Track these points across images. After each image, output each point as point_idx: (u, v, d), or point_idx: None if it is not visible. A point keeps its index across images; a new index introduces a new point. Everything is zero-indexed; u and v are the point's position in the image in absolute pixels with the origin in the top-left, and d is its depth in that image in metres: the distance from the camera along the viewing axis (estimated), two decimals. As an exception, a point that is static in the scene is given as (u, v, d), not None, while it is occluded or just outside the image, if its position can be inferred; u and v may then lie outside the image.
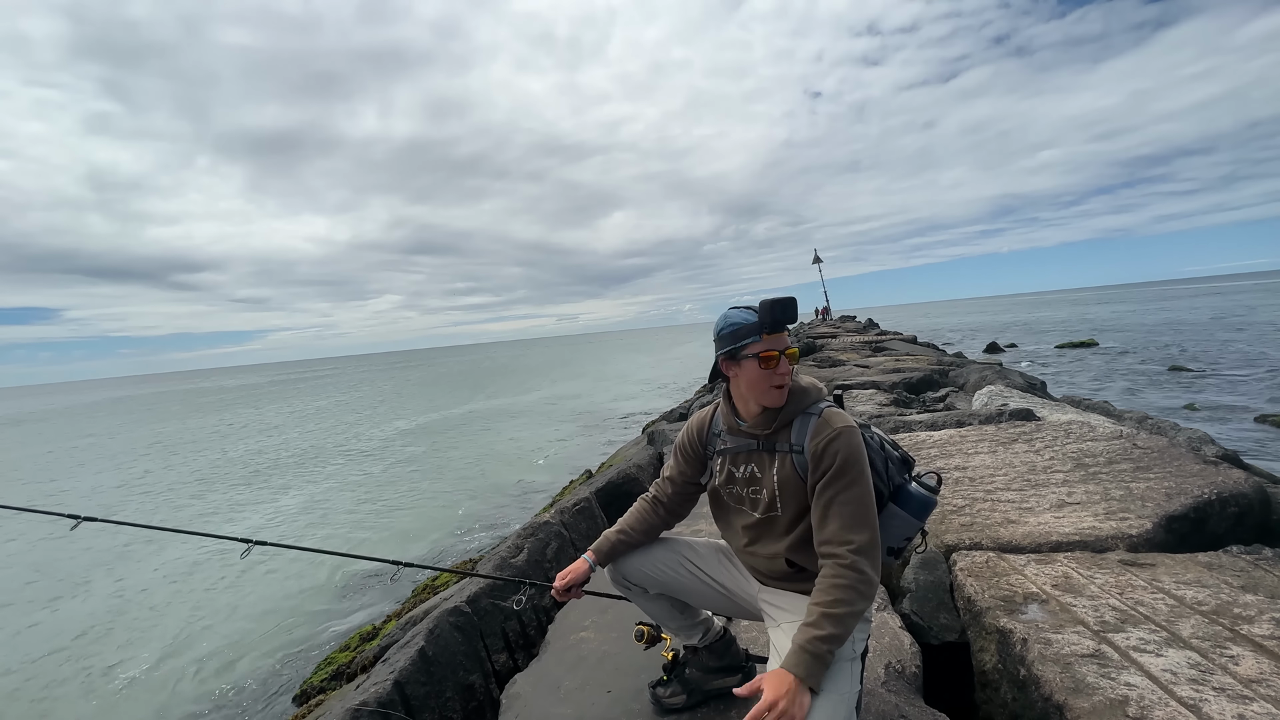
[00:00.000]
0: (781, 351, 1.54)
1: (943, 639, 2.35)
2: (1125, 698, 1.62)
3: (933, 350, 16.84)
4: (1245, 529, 2.81)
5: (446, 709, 2.65)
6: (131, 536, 9.78)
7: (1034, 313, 67.79)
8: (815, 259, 39.75)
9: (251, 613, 6.74)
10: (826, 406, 1.57)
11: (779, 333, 1.55)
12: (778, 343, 1.54)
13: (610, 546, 1.83)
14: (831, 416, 1.52)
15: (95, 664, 5.87)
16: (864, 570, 1.39)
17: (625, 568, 1.83)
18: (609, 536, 1.85)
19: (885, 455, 1.62)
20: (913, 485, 1.62)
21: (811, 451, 1.50)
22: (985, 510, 3.09)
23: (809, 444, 1.51)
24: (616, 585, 1.87)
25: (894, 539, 1.62)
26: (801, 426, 1.55)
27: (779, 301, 1.52)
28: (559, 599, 1.85)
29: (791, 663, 1.34)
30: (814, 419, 1.54)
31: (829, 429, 1.49)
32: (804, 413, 1.57)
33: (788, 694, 1.28)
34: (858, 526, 1.42)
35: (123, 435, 29.35)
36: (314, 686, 4.42)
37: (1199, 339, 24.50)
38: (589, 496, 4.67)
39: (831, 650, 1.35)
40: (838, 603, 1.37)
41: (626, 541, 1.83)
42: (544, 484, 11.31)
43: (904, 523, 1.61)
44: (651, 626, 1.98)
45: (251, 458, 18.11)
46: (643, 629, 1.97)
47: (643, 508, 1.87)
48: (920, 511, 1.61)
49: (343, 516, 10.50)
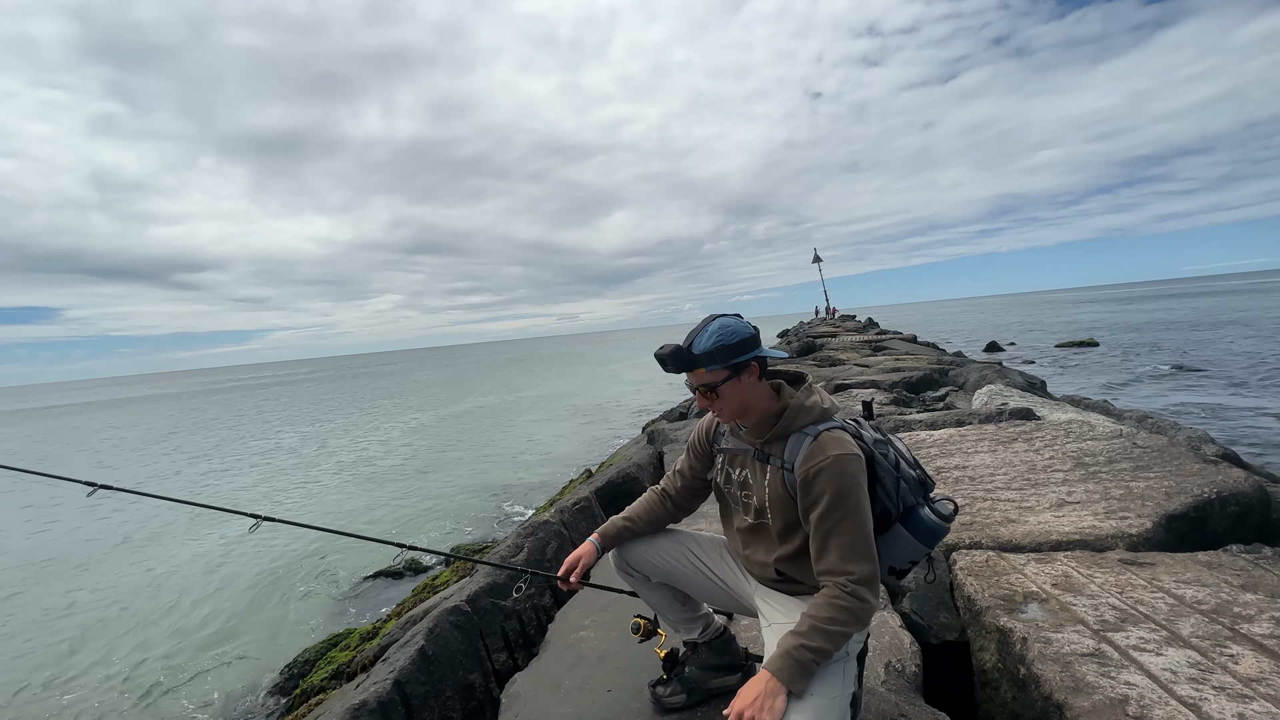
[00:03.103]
0: (694, 389, 1.59)
1: (943, 638, 2.35)
2: (1125, 697, 1.62)
3: (932, 349, 16.85)
4: (1245, 528, 2.81)
5: (446, 708, 2.65)
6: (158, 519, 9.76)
7: (1034, 312, 67.79)
8: (815, 258, 39.74)
9: (252, 613, 6.74)
10: (826, 429, 1.51)
11: (688, 372, 1.56)
12: (690, 380, 1.59)
13: (616, 532, 1.86)
14: (827, 442, 1.47)
15: (94, 663, 5.88)
16: (865, 599, 1.39)
17: (629, 554, 1.86)
18: (615, 522, 1.88)
19: (899, 475, 1.55)
20: (924, 511, 1.55)
21: (801, 475, 1.47)
22: (985, 509, 3.09)
23: (799, 466, 1.48)
24: (619, 571, 1.89)
25: (897, 560, 1.58)
26: (796, 445, 1.52)
27: (660, 354, 1.55)
28: (563, 586, 1.86)
29: (774, 666, 1.35)
30: (809, 440, 1.49)
31: (821, 456, 1.44)
32: (800, 431, 1.53)
33: (757, 699, 1.30)
34: (856, 558, 1.41)
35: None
36: (314, 686, 4.42)
37: (1198, 338, 24.51)
38: (589, 495, 4.67)
39: (817, 661, 1.35)
40: (833, 620, 1.37)
41: (632, 529, 1.86)
42: (544, 482, 11.32)
43: (910, 546, 1.56)
44: (648, 620, 1.97)
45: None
46: (639, 622, 1.97)
47: (651, 499, 1.90)
48: (928, 539, 1.55)
49: (344, 518, 10.49)
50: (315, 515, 10.61)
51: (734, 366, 1.52)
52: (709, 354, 1.51)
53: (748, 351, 1.53)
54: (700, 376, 1.54)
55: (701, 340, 1.52)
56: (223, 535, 9.73)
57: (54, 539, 10.72)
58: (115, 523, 11.32)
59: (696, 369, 1.54)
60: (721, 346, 1.51)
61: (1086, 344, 25.67)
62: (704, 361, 1.52)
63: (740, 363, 1.52)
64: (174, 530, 10.51)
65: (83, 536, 10.69)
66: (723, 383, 1.53)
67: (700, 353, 1.51)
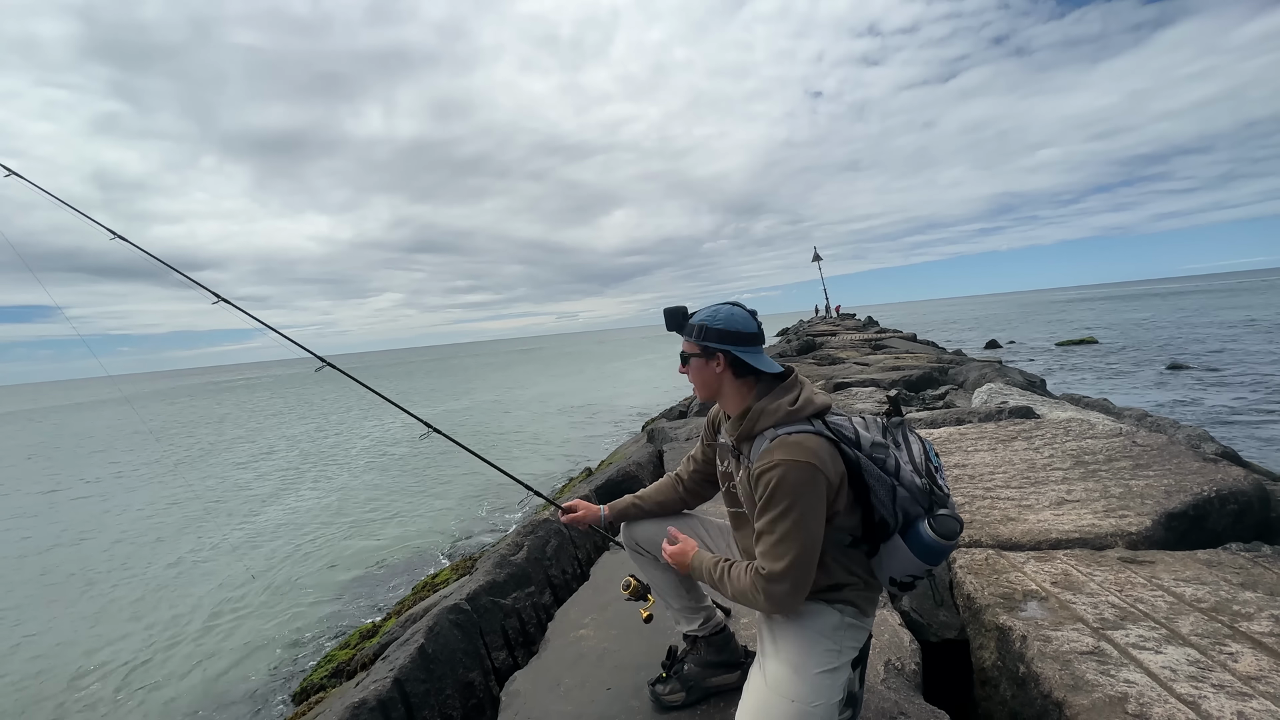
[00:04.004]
0: (681, 355, 1.68)
1: (942, 636, 2.35)
2: (1124, 695, 1.63)
3: (932, 348, 16.85)
4: (1244, 526, 2.81)
5: (446, 706, 2.65)
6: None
7: (1033, 310, 67.80)
8: (815, 257, 39.71)
9: (251, 612, 6.75)
10: (786, 433, 1.46)
11: (677, 334, 1.69)
12: (683, 345, 1.67)
13: (624, 507, 1.97)
14: (781, 446, 1.44)
15: (87, 659, 5.88)
16: (768, 592, 1.45)
17: (638, 533, 1.93)
18: (626, 498, 1.99)
19: (896, 483, 1.46)
20: (923, 525, 1.45)
21: (755, 476, 1.48)
22: (985, 508, 3.09)
23: (754, 465, 1.49)
24: (629, 549, 1.96)
25: (897, 572, 1.52)
26: (758, 446, 1.52)
27: (669, 309, 1.68)
28: (563, 520, 2.04)
29: (701, 557, 1.65)
30: (766, 444, 1.48)
31: (767, 460, 1.44)
32: (762, 434, 1.52)
33: (675, 556, 1.69)
34: (774, 556, 1.43)
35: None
36: (314, 684, 4.43)
37: (1198, 336, 24.51)
38: (589, 494, 4.67)
39: (703, 579, 1.63)
40: (736, 580, 1.52)
41: (640, 506, 1.95)
42: (544, 481, 11.32)
43: (906, 560, 1.48)
44: (641, 582, 1.98)
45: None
46: (631, 580, 1.98)
47: (665, 482, 1.97)
48: (925, 555, 1.45)
49: (342, 515, 10.50)
50: (320, 521, 10.63)
51: (706, 349, 1.60)
52: (693, 327, 1.63)
53: (724, 343, 1.57)
54: (684, 344, 1.67)
55: (701, 314, 1.63)
56: (224, 534, 9.74)
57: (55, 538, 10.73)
58: (117, 519, 11.34)
59: (682, 335, 1.67)
60: (703, 325, 1.60)
61: (1086, 342, 25.67)
62: (687, 332, 1.65)
63: (711, 348, 1.59)
64: (174, 530, 10.52)
65: (77, 534, 10.70)
66: (694, 356, 1.63)
67: (688, 323, 1.65)
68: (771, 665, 1.50)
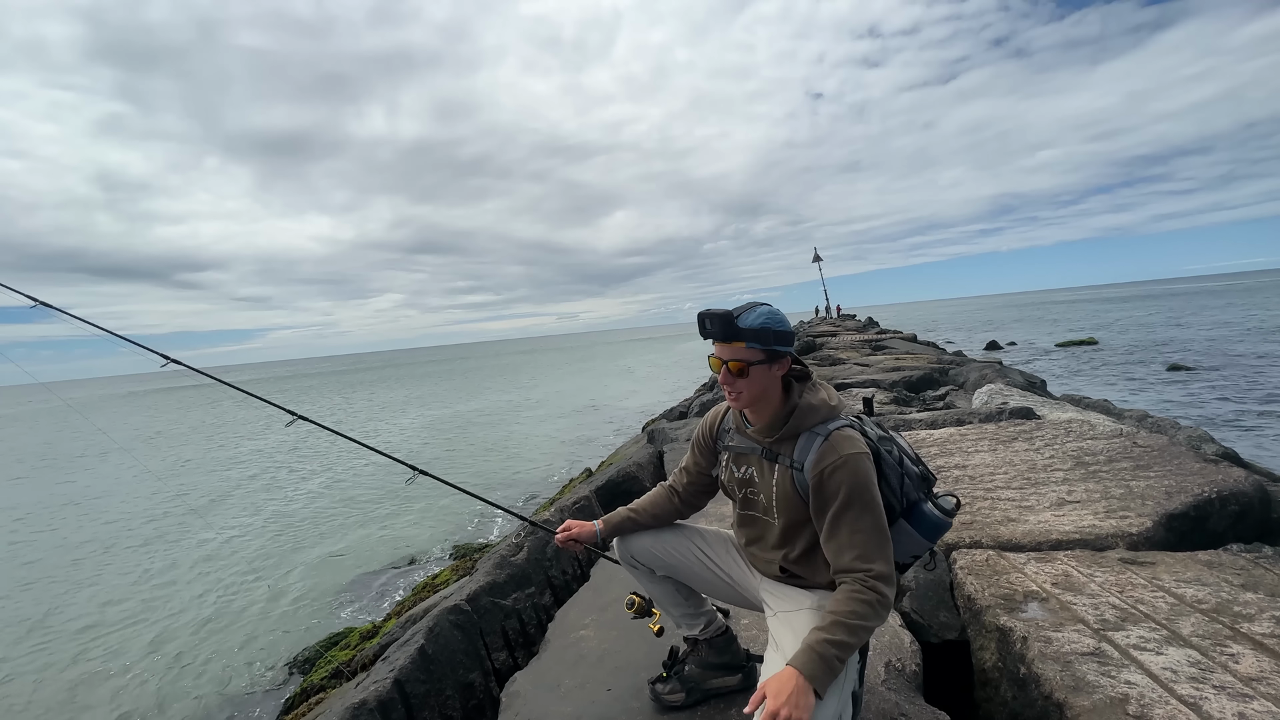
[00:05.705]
0: (724, 362, 1.51)
1: (943, 637, 2.35)
2: (1125, 696, 1.62)
3: (932, 348, 16.84)
4: (1245, 527, 2.81)
5: (446, 707, 2.65)
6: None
7: (1034, 311, 67.77)
8: (815, 257, 39.72)
9: (251, 612, 6.74)
10: (837, 428, 1.50)
11: (724, 342, 1.50)
12: (721, 352, 1.52)
13: (619, 521, 1.89)
14: (838, 441, 1.47)
15: (84, 660, 5.88)
16: (884, 593, 1.39)
17: (634, 547, 1.87)
18: (620, 512, 1.91)
19: (903, 471, 1.56)
20: (927, 506, 1.56)
21: (814, 476, 1.47)
22: (985, 508, 3.09)
23: (811, 467, 1.48)
24: (624, 563, 1.91)
25: (901, 555, 1.57)
26: (806, 445, 1.51)
27: (706, 313, 1.51)
28: (559, 542, 1.93)
29: (800, 661, 1.30)
30: (820, 440, 1.49)
31: (834, 456, 1.45)
32: (810, 431, 1.53)
33: (791, 697, 1.24)
34: (874, 556, 1.41)
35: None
36: (314, 685, 4.42)
37: (1198, 337, 24.50)
38: (589, 495, 4.67)
39: (841, 658, 1.32)
40: (854, 614, 1.36)
41: (635, 520, 1.88)
42: (544, 482, 11.32)
43: (913, 541, 1.56)
44: (643, 598, 1.97)
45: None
46: (634, 598, 1.97)
47: (658, 493, 1.91)
48: (931, 533, 1.56)
49: (344, 515, 10.49)
50: (322, 505, 10.62)
51: (772, 353, 1.49)
52: (755, 331, 1.48)
53: (788, 344, 1.52)
54: (737, 351, 1.50)
55: (749, 317, 1.49)
56: (223, 535, 9.74)
57: (50, 538, 10.72)
58: (117, 523, 11.33)
59: (736, 342, 1.49)
60: (768, 329, 1.48)
61: (1086, 343, 25.68)
62: (747, 337, 1.48)
63: (779, 351, 1.50)
64: (171, 529, 10.51)
65: (86, 535, 10.69)
66: (756, 364, 1.49)
67: (746, 328, 1.48)
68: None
